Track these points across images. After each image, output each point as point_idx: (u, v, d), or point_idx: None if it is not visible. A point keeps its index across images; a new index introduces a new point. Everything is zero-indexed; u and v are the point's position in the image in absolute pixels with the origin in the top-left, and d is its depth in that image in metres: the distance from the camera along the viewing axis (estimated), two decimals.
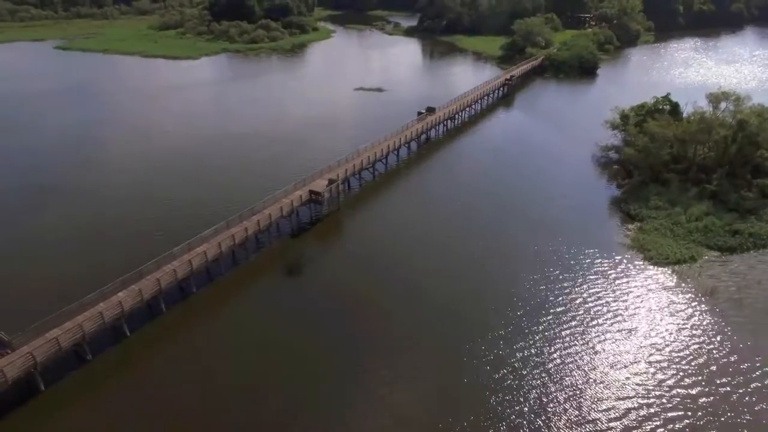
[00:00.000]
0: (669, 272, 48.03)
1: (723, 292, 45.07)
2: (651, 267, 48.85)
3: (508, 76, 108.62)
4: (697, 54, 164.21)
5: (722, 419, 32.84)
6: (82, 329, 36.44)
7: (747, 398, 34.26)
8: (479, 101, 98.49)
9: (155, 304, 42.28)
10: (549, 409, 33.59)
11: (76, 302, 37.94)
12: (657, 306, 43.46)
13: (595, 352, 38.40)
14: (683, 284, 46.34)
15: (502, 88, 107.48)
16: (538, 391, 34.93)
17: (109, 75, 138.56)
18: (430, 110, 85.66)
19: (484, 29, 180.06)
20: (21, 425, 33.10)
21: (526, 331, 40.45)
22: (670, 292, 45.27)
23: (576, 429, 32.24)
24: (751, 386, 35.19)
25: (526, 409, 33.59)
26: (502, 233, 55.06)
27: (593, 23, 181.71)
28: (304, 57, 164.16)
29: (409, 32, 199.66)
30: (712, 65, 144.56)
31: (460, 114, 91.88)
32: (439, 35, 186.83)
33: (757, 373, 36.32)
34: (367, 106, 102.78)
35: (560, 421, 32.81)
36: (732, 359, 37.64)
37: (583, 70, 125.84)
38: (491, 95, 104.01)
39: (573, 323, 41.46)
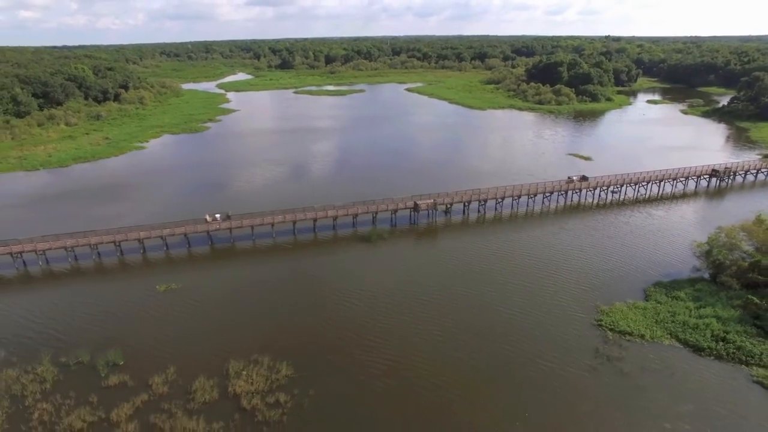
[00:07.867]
0: (600, 334, 54.55)
1: (626, 363, 50.15)
2: (591, 327, 55.93)
3: (721, 168, 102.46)
4: None
5: None
6: (252, 224, 77.64)
7: None
8: (658, 183, 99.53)
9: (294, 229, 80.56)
10: None
11: (258, 212, 79.77)
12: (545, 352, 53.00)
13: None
14: (599, 345, 52.84)
15: (707, 178, 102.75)
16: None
17: (414, 110, 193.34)
18: (584, 178, 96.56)
19: None
20: (218, 252, 76.28)
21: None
22: (574, 345, 52.85)
23: None
24: None
25: None
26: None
27: None
28: (570, 122, 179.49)
29: (707, 113, 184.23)
30: None
31: (622, 189, 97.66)
32: (742, 120, 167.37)
33: None
34: (557, 167, 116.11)
35: None
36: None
37: None
38: (684, 181, 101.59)
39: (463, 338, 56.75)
